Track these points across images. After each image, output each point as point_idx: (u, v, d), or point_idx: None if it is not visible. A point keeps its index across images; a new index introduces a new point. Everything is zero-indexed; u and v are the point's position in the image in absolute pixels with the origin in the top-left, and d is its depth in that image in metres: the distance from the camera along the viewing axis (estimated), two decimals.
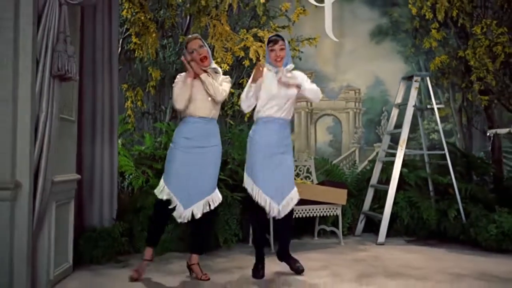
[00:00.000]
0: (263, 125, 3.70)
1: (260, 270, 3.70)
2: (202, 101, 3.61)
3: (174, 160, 3.59)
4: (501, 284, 3.49)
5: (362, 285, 3.44)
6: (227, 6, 5.22)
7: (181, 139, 3.60)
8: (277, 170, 3.66)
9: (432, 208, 5.31)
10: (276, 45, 3.70)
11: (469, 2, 5.76)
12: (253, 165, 3.67)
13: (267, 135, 3.68)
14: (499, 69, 5.79)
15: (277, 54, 3.69)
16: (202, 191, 3.62)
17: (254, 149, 3.68)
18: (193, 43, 3.62)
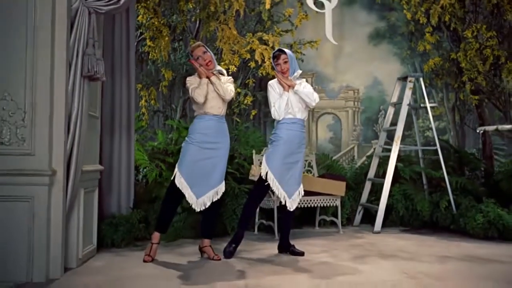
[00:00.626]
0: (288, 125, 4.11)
1: (232, 248, 4.08)
2: (214, 100, 4.00)
3: (188, 153, 3.98)
4: (481, 263, 3.89)
5: (357, 264, 3.84)
6: (234, 11, 5.61)
7: (197, 134, 3.98)
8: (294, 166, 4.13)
9: (425, 200, 5.69)
10: (280, 59, 4.15)
11: (461, 8, 6.14)
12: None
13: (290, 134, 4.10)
14: (489, 71, 6.17)
15: (282, 67, 4.14)
16: (213, 183, 4.01)
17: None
18: (198, 50, 4.00)
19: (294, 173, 4.15)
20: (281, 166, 4.08)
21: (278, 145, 4.10)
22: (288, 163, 4.10)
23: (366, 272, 3.58)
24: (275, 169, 4.07)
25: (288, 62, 4.15)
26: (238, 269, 3.69)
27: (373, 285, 3.23)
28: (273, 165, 4.07)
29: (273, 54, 4.27)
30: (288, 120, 4.12)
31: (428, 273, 3.54)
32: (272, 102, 4.16)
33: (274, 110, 4.14)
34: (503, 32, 6.25)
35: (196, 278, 3.42)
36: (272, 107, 4.16)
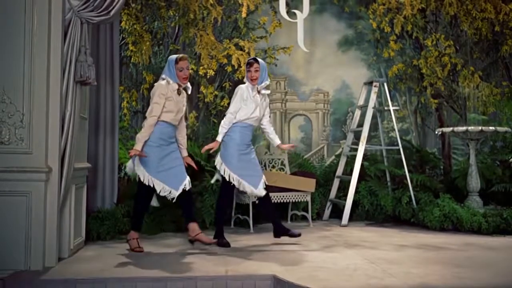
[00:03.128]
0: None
1: (225, 239, 4.58)
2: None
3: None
4: (434, 250, 4.36)
5: (324, 252, 4.27)
6: (212, 19, 5.98)
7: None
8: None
9: (388, 195, 6.16)
10: (252, 67, 4.56)
11: (422, 18, 6.64)
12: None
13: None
14: (447, 76, 6.70)
15: (252, 75, 4.55)
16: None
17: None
18: (183, 63, 4.26)
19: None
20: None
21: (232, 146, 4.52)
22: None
23: (331, 258, 4.00)
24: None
25: (259, 71, 4.54)
26: (219, 257, 4.06)
27: (337, 269, 3.64)
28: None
29: (247, 61, 4.68)
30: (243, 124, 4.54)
31: (385, 258, 3.98)
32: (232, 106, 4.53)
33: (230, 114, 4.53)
34: (460, 41, 6.78)
35: (180, 266, 3.76)
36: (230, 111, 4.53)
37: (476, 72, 6.52)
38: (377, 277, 3.36)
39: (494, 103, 6.53)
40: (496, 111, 6.74)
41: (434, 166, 7.10)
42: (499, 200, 6.27)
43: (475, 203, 5.81)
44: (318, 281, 3.27)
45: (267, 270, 3.59)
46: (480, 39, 6.55)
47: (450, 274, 3.47)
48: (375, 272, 3.51)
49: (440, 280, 3.30)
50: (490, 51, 6.86)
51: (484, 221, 5.28)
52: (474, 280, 3.30)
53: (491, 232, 5.24)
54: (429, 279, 3.32)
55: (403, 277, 3.38)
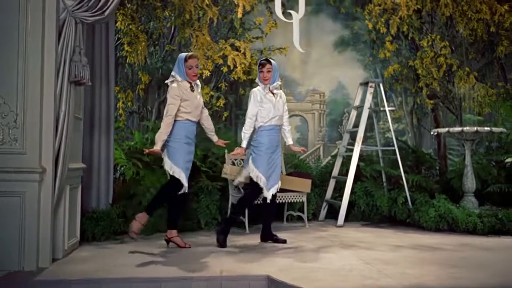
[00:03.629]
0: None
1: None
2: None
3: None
4: (429, 251, 4.36)
5: (320, 253, 4.26)
6: (208, 19, 5.97)
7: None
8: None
9: (384, 196, 6.16)
10: (264, 68, 4.65)
11: (418, 19, 6.65)
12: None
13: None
14: (443, 77, 6.70)
15: (264, 75, 4.64)
16: None
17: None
18: (193, 61, 4.38)
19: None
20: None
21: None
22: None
23: (327, 259, 3.99)
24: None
25: (271, 72, 4.64)
26: (214, 258, 4.04)
27: (332, 269, 3.63)
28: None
29: (260, 61, 4.73)
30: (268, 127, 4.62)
31: (381, 259, 3.97)
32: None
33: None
34: (456, 42, 6.79)
35: (175, 266, 3.74)
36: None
37: (472, 72, 6.54)
38: (372, 278, 3.36)
39: (489, 104, 6.55)
40: (492, 111, 6.74)
41: (430, 166, 7.11)
42: (495, 201, 6.29)
43: (470, 204, 5.82)
44: (312, 282, 3.26)
45: (262, 270, 3.57)
46: (475, 40, 6.56)
47: (445, 274, 3.47)
48: (371, 273, 3.50)
49: (436, 281, 3.30)
50: (485, 52, 6.88)
51: (479, 221, 5.28)
52: (470, 280, 3.30)
53: (487, 232, 5.25)
54: (424, 279, 3.32)
55: (399, 277, 3.37)
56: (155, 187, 5.41)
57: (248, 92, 6.74)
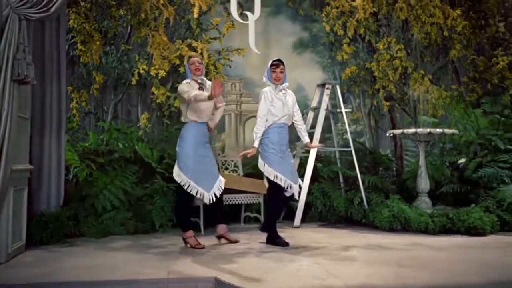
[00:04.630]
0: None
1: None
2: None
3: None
4: (381, 250, 4.41)
5: (273, 254, 4.24)
6: (164, 19, 5.90)
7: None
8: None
9: (341, 197, 6.22)
10: (278, 68, 4.65)
11: (374, 22, 6.74)
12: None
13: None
14: (398, 79, 6.81)
15: (277, 75, 4.65)
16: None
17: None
18: (195, 59, 4.56)
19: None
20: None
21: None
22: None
23: (279, 260, 3.97)
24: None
25: (283, 72, 4.66)
26: (163, 261, 3.98)
27: (282, 270, 3.62)
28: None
29: (272, 62, 4.70)
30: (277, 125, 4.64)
31: (333, 259, 3.99)
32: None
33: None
34: (411, 45, 6.92)
35: (123, 270, 3.66)
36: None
37: (426, 75, 6.66)
38: (320, 278, 3.36)
39: (443, 106, 6.68)
40: (446, 114, 6.89)
41: (387, 167, 7.22)
42: (448, 201, 6.41)
43: (424, 204, 5.93)
44: (260, 283, 3.25)
45: (212, 272, 3.54)
46: (429, 43, 6.69)
47: (392, 274, 3.50)
48: (320, 273, 3.50)
49: (382, 280, 3.32)
50: (439, 55, 7.02)
51: (431, 221, 5.38)
52: (415, 279, 3.34)
53: (438, 232, 5.35)
54: (371, 279, 3.35)
55: (346, 277, 3.39)
56: (108, 189, 5.32)
57: None
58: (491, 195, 5.88)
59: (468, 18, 6.79)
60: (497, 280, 3.32)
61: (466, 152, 6.65)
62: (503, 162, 6.25)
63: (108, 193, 5.29)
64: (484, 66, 6.93)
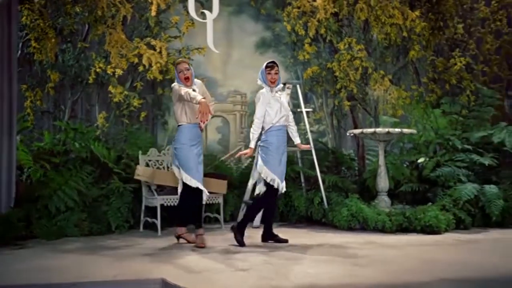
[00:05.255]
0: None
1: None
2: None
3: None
4: (336, 249, 4.43)
5: (227, 254, 4.21)
6: (121, 16, 5.79)
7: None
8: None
9: (302, 196, 6.23)
10: (273, 70, 4.69)
11: (335, 22, 6.76)
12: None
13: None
14: (360, 79, 6.86)
15: (272, 77, 4.68)
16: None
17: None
18: (182, 66, 4.54)
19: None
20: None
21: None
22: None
23: (231, 261, 3.93)
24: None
25: (278, 74, 4.72)
26: (113, 262, 3.90)
27: (231, 271, 3.57)
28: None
29: (267, 64, 4.73)
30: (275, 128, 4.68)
31: (286, 259, 3.98)
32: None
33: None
34: (372, 45, 6.98)
35: (69, 272, 3.59)
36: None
37: (386, 75, 6.72)
38: (268, 278, 3.34)
39: (402, 106, 6.76)
40: (405, 113, 6.98)
41: (349, 167, 7.27)
42: (407, 200, 6.50)
43: (383, 203, 5.98)
44: (206, 284, 3.21)
45: (162, 273, 3.47)
46: (390, 44, 6.76)
47: (343, 272, 3.50)
48: (269, 273, 3.48)
49: (332, 279, 3.32)
50: (400, 55, 7.10)
51: (388, 220, 5.43)
52: (365, 278, 3.35)
53: (395, 230, 5.41)
54: (320, 278, 3.34)
55: (295, 277, 3.37)
56: (62, 190, 5.19)
57: (167, 92, 6.67)
58: (448, 193, 5.97)
59: (427, 20, 6.88)
60: (443, 277, 3.35)
61: (425, 152, 6.75)
62: (460, 161, 6.37)
63: (62, 194, 5.16)
64: (443, 67, 7.04)
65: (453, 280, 3.33)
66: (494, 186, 5.97)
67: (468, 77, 6.89)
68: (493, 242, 4.86)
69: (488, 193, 5.84)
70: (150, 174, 5.26)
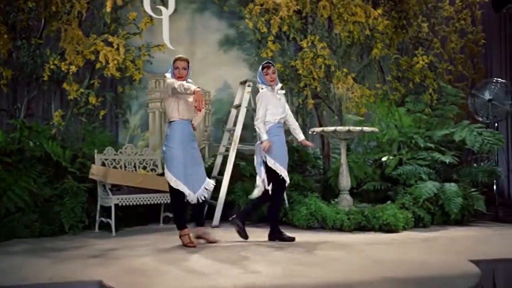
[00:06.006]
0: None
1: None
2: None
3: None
4: (287, 249, 4.36)
5: (175, 255, 4.12)
6: (76, 12, 5.66)
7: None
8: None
9: None
10: (270, 70, 4.78)
11: (299, 20, 6.70)
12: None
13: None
14: (324, 78, 6.80)
15: (271, 77, 4.77)
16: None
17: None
18: (179, 63, 4.48)
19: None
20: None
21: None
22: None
23: (173, 262, 3.82)
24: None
25: (275, 73, 4.81)
26: (55, 264, 3.78)
27: (172, 273, 3.47)
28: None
29: (263, 65, 4.82)
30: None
31: (232, 259, 3.90)
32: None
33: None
34: (336, 43, 6.93)
35: (10, 273, 3.48)
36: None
37: (350, 73, 6.69)
38: (209, 277, 3.27)
39: (366, 104, 6.73)
40: (369, 112, 6.96)
41: (314, 165, 7.23)
42: (370, 198, 6.49)
43: (345, 202, 5.95)
44: (141, 285, 3.13)
45: (103, 275, 3.37)
46: (353, 42, 6.72)
47: (287, 272, 3.44)
48: (209, 274, 3.40)
49: (272, 280, 3.25)
50: (364, 54, 7.07)
51: (346, 218, 5.40)
52: (309, 278, 3.29)
53: (353, 229, 5.38)
54: (260, 278, 3.27)
55: (236, 277, 3.31)
56: (12, 190, 5.05)
57: (127, 90, 6.56)
58: (409, 192, 5.98)
59: (390, 18, 6.86)
60: (387, 276, 3.32)
61: (388, 150, 6.75)
62: (422, 160, 6.38)
63: (12, 194, 5.01)
64: (407, 66, 7.03)
65: (395, 279, 3.29)
66: (454, 184, 5.99)
67: (431, 76, 6.88)
68: (448, 240, 4.85)
69: (448, 191, 5.86)
70: (104, 173, 5.15)
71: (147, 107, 6.99)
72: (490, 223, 6.14)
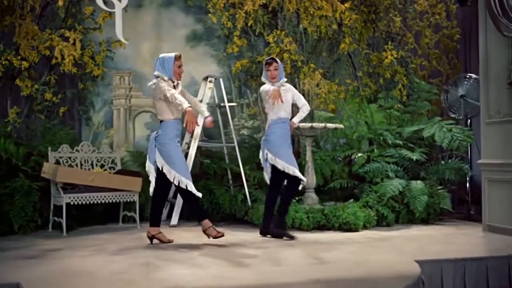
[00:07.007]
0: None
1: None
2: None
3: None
4: (231, 248, 4.27)
5: (117, 256, 3.99)
6: (29, 6, 5.53)
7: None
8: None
9: (226, 194, 6.05)
10: (271, 66, 4.76)
11: (265, 14, 6.54)
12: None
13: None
14: (290, 73, 6.63)
15: (272, 73, 4.76)
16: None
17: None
18: (181, 61, 4.53)
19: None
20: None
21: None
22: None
23: (107, 263, 3.68)
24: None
25: (278, 70, 4.76)
26: (12, 266, 3.68)
27: (100, 274, 3.36)
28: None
29: (266, 61, 4.83)
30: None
31: (171, 259, 3.80)
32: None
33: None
34: (304, 38, 6.76)
35: None
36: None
37: (317, 69, 6.53)
38: (130, 281, 3.14)
39: (334, 101, 6.58)
40: (338, 108, 6.81)
41: None
42: (337, 196, 6.35)
43: (310, 200, 5.80)
44: None
45: (28, 277, 3.25)
46: (320, 36, 6.56)
47: (216, 274, 3.31)
48: (139, 275, 3.29)
49: (198, 281, 3.13)
50: (333, 49, 6.91)
51: (305, 217, 5.27)
52: (235, 280, 3.16)
53: (312, 228, 5.25)
54: (186, 280, 3.14)
55: (164, 278, 3.19)
56: None
57: (88, 86, 6.42)
58: (374, 190, 5.84)
59: (359, 12, 6.70)
60: (319, 278, 3.17)
61: (357, 147, 6.59)
62: (389, 157, 6.23)
63: None
64: (377, 61, 6.86)
65: (326, 281, 3.15)
66: (420, 182, 5.86)
67: (401, 71, 6.71)
68: (404, 240, 4.71)
69: (414, 189, 5.73)
70: (53, 171, 5.02)
71: (111, 104, 6.84)
72: (458, 222, 6.00)
